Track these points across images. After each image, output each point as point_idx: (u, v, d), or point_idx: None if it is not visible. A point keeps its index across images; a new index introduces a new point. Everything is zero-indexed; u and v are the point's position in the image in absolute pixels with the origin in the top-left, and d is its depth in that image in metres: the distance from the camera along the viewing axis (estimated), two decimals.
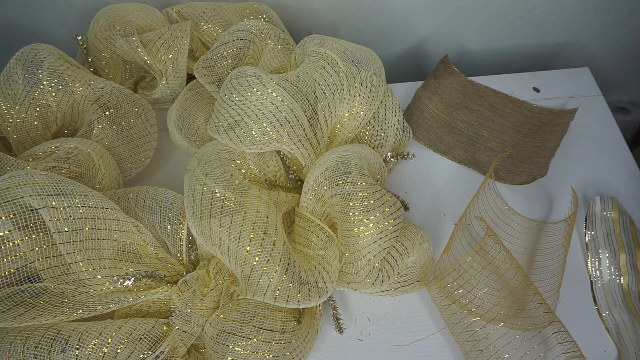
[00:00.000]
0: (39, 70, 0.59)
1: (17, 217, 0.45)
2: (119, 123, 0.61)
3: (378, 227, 0.50)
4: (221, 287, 0.51)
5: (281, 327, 0.49)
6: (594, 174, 0.66)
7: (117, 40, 0.65)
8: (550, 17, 0.81)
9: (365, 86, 0.60)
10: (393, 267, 0.52)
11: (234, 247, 0.48)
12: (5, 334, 0.45)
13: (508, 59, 0.90)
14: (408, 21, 0.81)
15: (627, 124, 1.03)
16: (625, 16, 0.82)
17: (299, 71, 0.58)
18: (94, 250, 0.49)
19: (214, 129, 0.57)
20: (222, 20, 0.70)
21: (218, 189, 0.51)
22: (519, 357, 0.51)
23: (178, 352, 0.48)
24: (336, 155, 0.53)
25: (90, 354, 0.44)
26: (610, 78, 0.95)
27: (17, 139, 0.60)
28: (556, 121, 0.70)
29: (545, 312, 0.50)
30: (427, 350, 0.53)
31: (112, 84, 0.62)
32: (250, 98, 0.55)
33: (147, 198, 0.55)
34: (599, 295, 0.56)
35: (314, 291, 0.49)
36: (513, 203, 0.63)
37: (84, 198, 0.48)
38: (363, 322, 0.55)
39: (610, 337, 0.53)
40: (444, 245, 0.59)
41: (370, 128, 0.62)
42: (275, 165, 0.58)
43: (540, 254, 0.59)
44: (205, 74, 0.64)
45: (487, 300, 0.52)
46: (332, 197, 0.51)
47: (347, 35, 0.83)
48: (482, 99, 0.73)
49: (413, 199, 0.64)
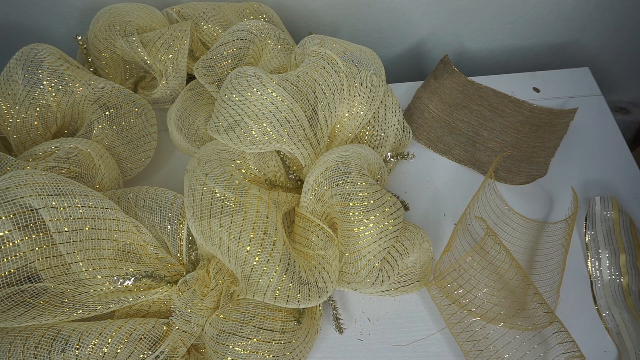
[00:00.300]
0: (39, 70, 0.59)
1: (17, 217, 0.45)
2: (119, 123, 0.61)
3: (378, 227, 0.50)
4: (221, 287, 0.51)
5: (281, 327, 0.49)
6: (594, 174, 0.66)
7: (117, 40, 0.65)
8: (550, 17, 0.81)
9: (365, 86, 0.60)
10: (393, 267, 0.52)
11: (234, 247, 0.48)
12: (5, 334, 0.45)
13: (508, 59, 0.90)
14: (408, 21, 0.81)
15: (627, 124, 1.03)
16: (625, 16, 0.82)
17: (299, 71, 0.58)
18: (94, 250, 0.49)
19: (214, 129, 0.57)
20: (222, 20, 0.70)
21: (218, 189, 0.51)
22: (519, 357, 0.51)
23: (178, 352, 0.48)
24: (336, 155, 0.53)
25: (90, 354, 0.44)
26: (610, 78, 0.95)
27: (17, 139, 0.60)
28: (556, 121, 0.70)
29: (545, 312, 0.50)
30: (427, 350, 0.53)
31: (112, 84, 0.62)
32: (250, 98, 0.55)
33: (147, 198, 0.55)
34: (599, 295, 0.56)
35: (314, 291, 0.49)
36: (513, 203, 0.63)
37: (84, 198, 0.48)
38: (363, 322, 0.55)
39: (610, 337, 0.53)
40: (444, 245, 0.59)
41: (370, 128, 0.62)
42: (275, 165, 0.58)
43: (540, 254, 0.59)
44: (205, 74, 0.64)
45: (487, 300, 0.52)
46: (332, 197, 0.51)
47: (347, 35, 0.83)
48: (482, 99, 0.73)
49: (413, 199, 0.64)
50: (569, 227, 0.57)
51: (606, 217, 0.60)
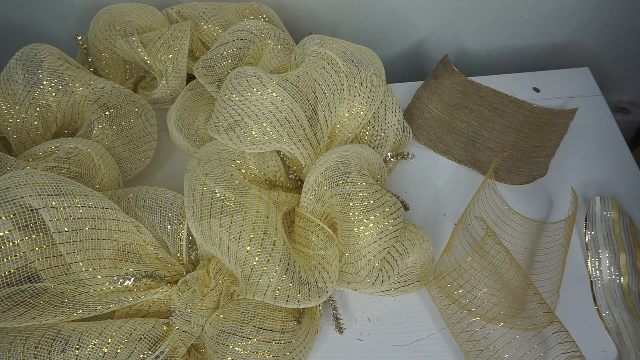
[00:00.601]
0: (39, 70, 0.59)
1: (17, 217, 0.45)
2: (119, 123, 0.61)
3: (378, 227, 0.50)
4: (221, 287, 0.51)
5: (281, 327, 0.49)
6: (594, 174, 0.66)
7: (117, 40, 0.65)
8: (550, 17, 0.81)
9: (365, 86, 0.60)
10: (393, 267, 0.52)
11: (234, 247, 0.48)
12: (5, 334, 0.45)
13: (508, 59, 0.90)
14: (408, 21, 0.81)
15: (627, 124, 1.03)
16: (625, 16, 0.82)
17: (299, 71, 0.58)
18: (94, 250, 0.49)
19: (214, 129, 0.57)
20: (222, 20, 0.70)
21: (218, 189, 0.51)
22: (519, 357, 0.51)
23: (178, 352, 0.48)
24: (336, 155, 0.53)
25: (90, 354, 0.44)
26: (610, 78, 0.95)
27: (17, 139, 0.60)
28: (556, 121, 0.70)
29: (545, 312, 0.50)
30: (427, 350, 0.53)
31: (112, 84, 0.62)
32: (250, 98, 0.55)
33: (147, 198, 0.55)
34: (599, 295, 0.56)
35: (314, 291, 0.49)
36: (513, 203, 0.63)
37: (84, 198, 0.48)
38: (363, 322, 0.55)
39: (610, 337, 0.53)
40: (444, 245, 0.59)
41: (370, 128, 0.62)
42: (275, 165, 0.58)
43: (540, 254, 0.59)
44: (205, 74, 0.64)
45: (487, 300, 0.52)
46: (332, 197, 0.51)
47: (347, 35, 0.83)
48: (482, 99, 0.73)
49: (413, 199, 0.64)
50: (568, 227, 0.57)
51: (606, 217, 0.60)
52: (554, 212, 0.63)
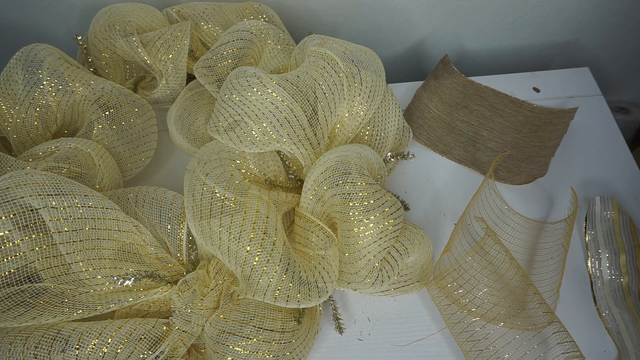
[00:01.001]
0: (39, 70, 0.59)
1: (17, 217, 0.45)
2: (119, 123, 0.61)
3: (378, 227, 0.50)
4: (221, 287, 0.51)
5: (281, 327, 0.49)
6: (594, 174, 0.66)
7: (117, 40, 0.65)
8: (550, 17, 0.81)
9: (365, 86, 0.60)
10: (393, 267, 0.52)
11: (234, 247, 0.48)
12: (5, 334, 0.45)
13: (508, 59, 0.90)
14: (408, 21, 0.81)
15: (627, 124, 1.03)
16: (625, 16, 0.82)
17: (299, 71, 0.58)
18: (94, 250, 0.49)
19: (214, 129, 0.57)
20: (222, 20, 0.70)
21: (218, 189, 0.51)
22: (519, 357, 0.51)
23: (178, 352, 0.48)
24: (336, 155, 0.53)
25: (90, 354, 0.44)
26: (610, 78, 0.96)
27: (17, 139, 0.60)
28: (556, 121, 0.70)
29: (545, 312, 0.50)
30: (427, 350, 0.53)
31: (112, 84, 0.62)
32: (250, 98, 0.55)
33: (147, 198, 0.55)
34: (599, 295, 0.56)
35: (314, 291, 0.49)
36: (513, 203, 0.63)
37: (84, 198, 0.48)
38: (363, 322, 0.55)
39: (610, 337, 0.53)
40: (444, 245, 0.59)
41: (370, 128, 0.62)
42: (275, 165, 0.58)
43: (540, 254, 0.59)
44: (205, 74, 0.64)
45: (487, 300, 0.52)
46: (332, 197, 0.51)
47: (347, 35, 0.83)
48: (482, 99, 0.73)
49: (413, 199, 0.64)
50: (568, 227, 0.57)
51: (606, 217, 0.60)
52: (554, 212, 0.63)
